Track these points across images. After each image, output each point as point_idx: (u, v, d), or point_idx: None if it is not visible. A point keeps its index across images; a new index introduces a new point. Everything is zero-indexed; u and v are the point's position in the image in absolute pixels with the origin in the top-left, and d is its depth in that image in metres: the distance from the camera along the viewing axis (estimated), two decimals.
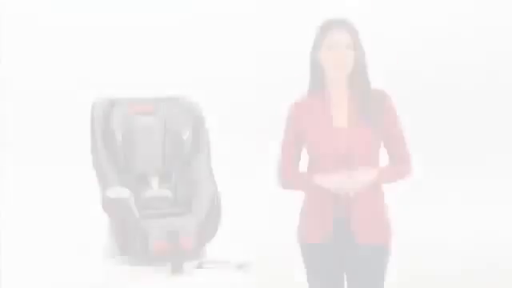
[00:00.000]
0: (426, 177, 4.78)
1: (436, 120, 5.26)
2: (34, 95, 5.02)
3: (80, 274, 2.60)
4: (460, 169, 5.22)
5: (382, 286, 2.77)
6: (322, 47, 2.71)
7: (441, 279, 4.44)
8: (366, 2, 5.12)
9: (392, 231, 2.79)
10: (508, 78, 5.25)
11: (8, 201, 4.74)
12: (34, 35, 5.06)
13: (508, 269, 4.56)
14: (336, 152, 2.69)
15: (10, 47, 4.99)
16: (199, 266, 2.57)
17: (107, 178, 2.68)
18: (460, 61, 5.19)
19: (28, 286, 2.55)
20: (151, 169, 2.82)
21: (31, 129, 5.04)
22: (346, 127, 2.70)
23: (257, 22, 5.14)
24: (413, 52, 5.18)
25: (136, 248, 2.58)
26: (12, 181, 4.94)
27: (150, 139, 2.81)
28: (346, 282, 2.81)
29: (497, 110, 5.26)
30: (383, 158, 2.80)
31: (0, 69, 4.97)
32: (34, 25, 5.06)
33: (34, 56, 5.05)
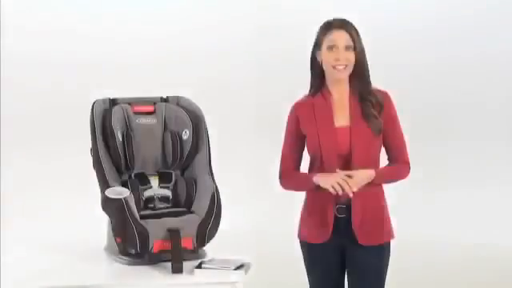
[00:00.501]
0: (426, 177, 4.78)
1: (436, 120, 5.26)
2: (33, 95, 5.02)
3: (80, 274, 2.60)
4: (460, 168, 5.22)
5: (383, 285, 2.78)
6: (322, 47, 2.72)
7: (441, 279, 4.44)
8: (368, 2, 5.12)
9: (392, 231, 2.79)
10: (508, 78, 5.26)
11: (8, 201, 4.74)
12: (35, 35, 5.06)
13: (508, 269, 4.56)
14: (337, 152, 2.69)
15: (11, 47, 4.99)
16: (199, 266, 2.57)
17: (107, 177, 2.68)
18: (462, 62, 5.19)
19: (28, 286, 2.54)
20: (151, 169, 2.82)
21: (31, 129, 5.04)
22: (347, 127, 2.71)
23: (258, 22, 5.14)
24: (413, 52, 5.18)
25: (136, 248, 2.58)
26: (12, 180, 4.94)
27: (150, 139, 2.81)
28: (346, 282, 2.82)
29: (498, 109, 5.27)
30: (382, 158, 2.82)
31: (0, 68, 4.98)
32: (35, 25, 5.06)
33: (34, 56, 5.05)
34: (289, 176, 2.80)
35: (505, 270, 4.54)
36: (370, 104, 2.71)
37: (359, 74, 2.72)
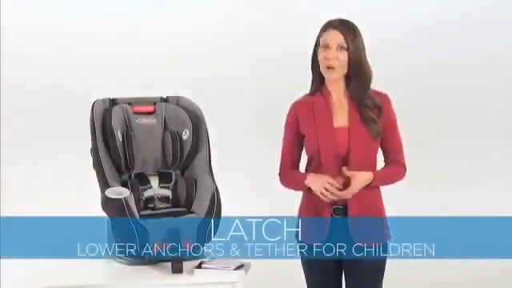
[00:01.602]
0: (426, 177, 4.77)
1: (436, 120, 5.25)
2: (33, 95, 5.02)
3: (80, 274, 2.60)
4: (460, 168, 5.21)
5: (380, 286, 2.78)
6: (319, 47, 2.72)
7: (440, 280, 4.43)
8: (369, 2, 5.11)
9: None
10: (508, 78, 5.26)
11: (8, 200, 4.74)
12: (35, 35, 5.05)
13: (508, 269, 4.56)
14: (335, 152, 2.69)
15: (11, 47, 4.99)
16: (199, 266, 2.57)
17: (107, 177, 2.68)
18: (462, 62, 5.18)
19: (28, 286, 2.54)
20: (151, 169, 2.83)
21: (31, 128, 5.03)
22: (346, 127, 2.70)
23: (258, 22, 5.13)
24: (413, 52, 5.18)
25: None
26: (12, 180, 4.94)
27: (150, 139, 2.82)
28: (344, 283, 2.82)
29: (498, 109, 5.26)
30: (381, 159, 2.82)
31: (0, 68, 4.97)
32: (35, 25, 5.05)
33: (34, 56, 5.05)
34: (286, 175, 2.81)
35: (505, 270, 4.54)
36: (368, 108, 2.70)
37: (354, 76, 2.70)
